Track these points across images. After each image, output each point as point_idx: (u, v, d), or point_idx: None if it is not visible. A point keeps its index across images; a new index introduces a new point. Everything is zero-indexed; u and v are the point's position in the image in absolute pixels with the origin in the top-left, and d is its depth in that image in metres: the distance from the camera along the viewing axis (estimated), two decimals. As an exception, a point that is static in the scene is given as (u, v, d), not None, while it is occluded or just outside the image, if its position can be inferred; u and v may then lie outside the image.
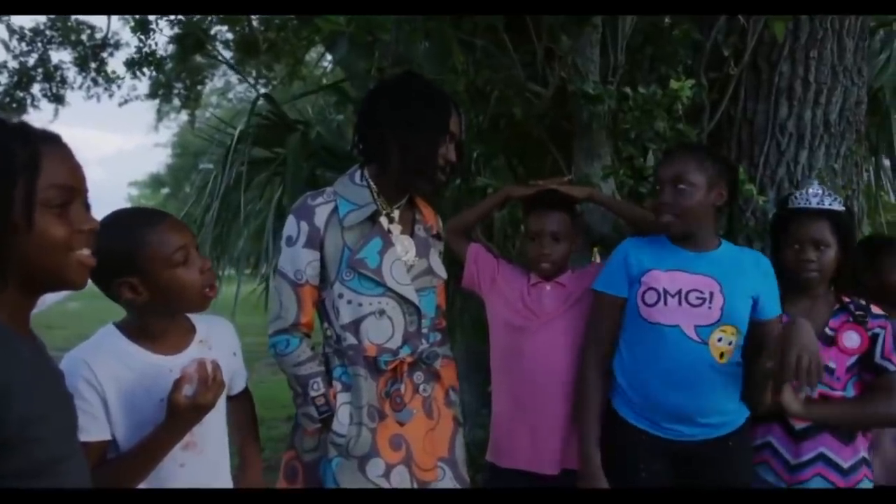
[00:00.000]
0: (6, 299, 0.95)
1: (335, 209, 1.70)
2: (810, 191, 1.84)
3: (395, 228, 1.77)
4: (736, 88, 2.28)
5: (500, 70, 2.21)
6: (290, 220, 1.73)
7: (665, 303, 1.71)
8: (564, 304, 1.92)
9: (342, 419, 1.67)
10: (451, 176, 1.82)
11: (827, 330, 1.79)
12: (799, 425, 1.76)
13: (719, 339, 1.68)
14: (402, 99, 1.70)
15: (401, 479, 1.69)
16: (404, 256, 1.75)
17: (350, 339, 1.70)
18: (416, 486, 1.72)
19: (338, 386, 1.70)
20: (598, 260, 2.32)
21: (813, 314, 1.79)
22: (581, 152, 2.24)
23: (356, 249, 1.68)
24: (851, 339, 1.78)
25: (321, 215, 1.69)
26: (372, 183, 1.75)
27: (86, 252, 0.99)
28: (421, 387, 1.75)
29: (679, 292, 1.71)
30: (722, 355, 1.68)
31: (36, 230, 0.93)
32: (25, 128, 0.96)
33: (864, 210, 2.58)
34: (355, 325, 1.70)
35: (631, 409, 1.76)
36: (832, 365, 1.77)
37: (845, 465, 1.75)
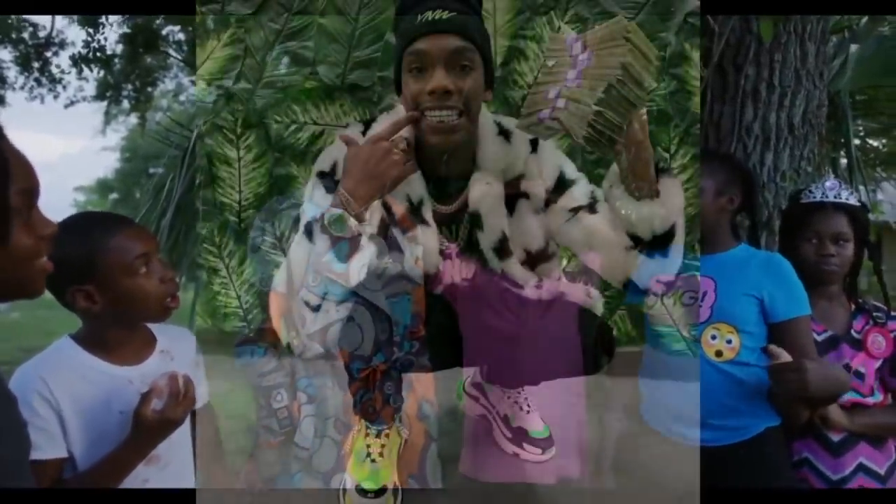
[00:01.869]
0: None
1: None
2: (827, 184, 1.77)
3: (366, 230, 1.71)
4: (703, 91, 2.29)
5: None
6: (256, 225, 1.66)
7: (662, 304, 1.73)
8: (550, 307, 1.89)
9: (305, 431, 1.60)
10: None
11: (853, 333, 1.72)
12: (836, 437, 1.67)
13: (713, 337, 1.66)
14: None
15: None
16: (375, 260, 1.68)
17: (316, 349, 1.63)
18: None
19: (302, 397, 1.62)
20: None
21: (832, 316, 1.74)
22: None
23: (322, 252, 1.62)
24: (878, 343, 1.71)
25: (287, 219, 1.63)
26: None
27: (45, 259, 0.92)
28: (391, 398, 1.69)
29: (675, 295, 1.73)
30: (719, 353, 1.65)
31: (8, 241, 0.84)
32: None
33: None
34: (322, 333, 1.63)
35: (645, 412, 1.80)
36: (862, 370, 1.69)
37: (882, 471, 1.67)
